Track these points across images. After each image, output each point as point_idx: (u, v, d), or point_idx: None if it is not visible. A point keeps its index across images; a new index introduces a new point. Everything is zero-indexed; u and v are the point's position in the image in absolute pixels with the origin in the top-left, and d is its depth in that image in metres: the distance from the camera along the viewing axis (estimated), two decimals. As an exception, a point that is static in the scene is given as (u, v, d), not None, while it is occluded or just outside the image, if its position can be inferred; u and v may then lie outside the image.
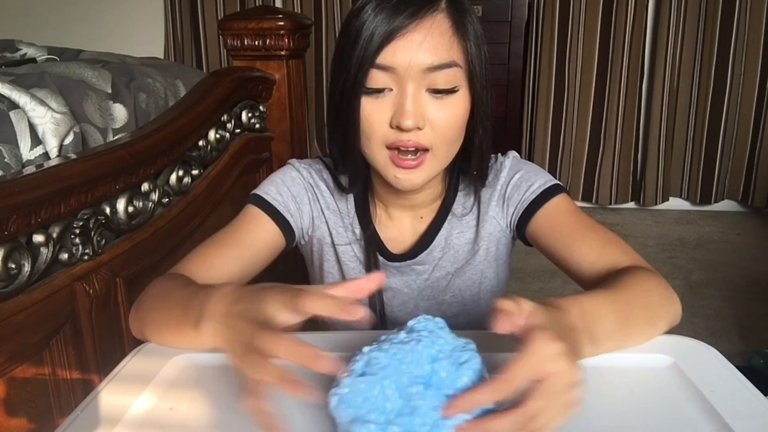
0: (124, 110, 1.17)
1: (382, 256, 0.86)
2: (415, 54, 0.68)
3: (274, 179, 0.86)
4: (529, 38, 3.09)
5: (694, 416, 0.52)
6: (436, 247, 0.85)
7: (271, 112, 1.59)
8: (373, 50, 0.68)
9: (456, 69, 0.71)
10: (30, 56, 1.35)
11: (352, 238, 0.86)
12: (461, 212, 0.85)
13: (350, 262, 0.87)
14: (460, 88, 0.72)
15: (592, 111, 3.12)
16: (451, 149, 0.76)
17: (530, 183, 0.82)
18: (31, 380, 0.84)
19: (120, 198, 1.01)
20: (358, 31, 0.69)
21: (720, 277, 2.41)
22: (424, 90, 0.70)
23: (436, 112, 0.71)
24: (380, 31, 0.68)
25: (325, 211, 0.86)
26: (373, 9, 0.69)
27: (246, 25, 1.52)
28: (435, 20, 0.69)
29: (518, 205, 0.82)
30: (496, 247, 0.87)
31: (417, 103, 0.70)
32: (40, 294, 0.85)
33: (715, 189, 3.13)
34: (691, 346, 0.62)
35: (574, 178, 3.21)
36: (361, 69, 0.69)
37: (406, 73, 0.69)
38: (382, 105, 0.71)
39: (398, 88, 0.70)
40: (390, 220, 0.86)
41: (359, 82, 0.70)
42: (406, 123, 0.69)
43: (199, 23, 3.34)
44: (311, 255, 0.90)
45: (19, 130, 0.93)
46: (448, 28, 0.70)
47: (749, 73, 2.97)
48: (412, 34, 0.68)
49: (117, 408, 0.55)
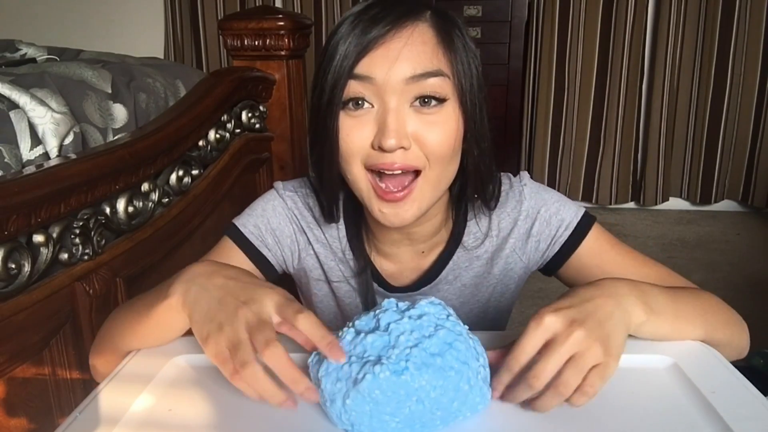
0: (124, 110, 1.16)
1: (381, 287, 0.79)
2: (394, 61, 0.62)
3: (254, 208, 0.80)
4: (529, 38, 3.09)
5: (694, 417, 0.52)
6: (443, 280, 0.79)
7: (271, 112, 1.59)
8: (350, 62, 0.63)
9: (442, 78, 0.63)
10: (30, 56, 1.35)
11: (348, 273, 0.79)
12: (472, 244, 0.78)
13: (346, 297, 0.81)
14: (448, 99, 0.64)
15: (592, 111, 3.12)
16: (446, 171, 0.67)
17: (561, 218, 0.77)
18: (31, 380, 0.84)
19: (120, 198, 1.01)
20: (336, 46, 0.64)
21: (720, 277, 2.41)
22: (407, 105, 0.63)
23: (424, 128, 0.64)
24: (357, 42, 0.62)
25: (313, 244, 0.79)
26: (351, 23, 0.64)
27: (246, 25, 1.52)
28: (416, 29, 0.63)
29: (551, 243, 0.77)
30: (514, 284, 0.82)
31: (400, 120, 0.63)
32: (40, 294, 0.85)
33: (715, 189, 3.13)
34: (691, 346, 0.62)
35: (574, 178, 3.21)
36: (337, 82, 0.63)
37: (386, 85, 0.62)
38: (362, 123, 0.64)
39: (379, 103, 0.63)
40: (386, 255, 0.79)
41: (336, 96, 0.63)
42: (389, 143, 0.62)
43: (199, 23, 3.34)
44: (301, 285, 0.86)
45: (19, 130, 0.93)
46: (431, 38, 0.64)
47: (749, 73, 2.97)
48: (391, 42, 0.62)
49: (117, 408, 0.55)
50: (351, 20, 0.64)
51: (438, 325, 0.52)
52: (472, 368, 0.51)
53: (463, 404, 0.51)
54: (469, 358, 0.51)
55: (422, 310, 0.53)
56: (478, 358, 0.53)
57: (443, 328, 0.52)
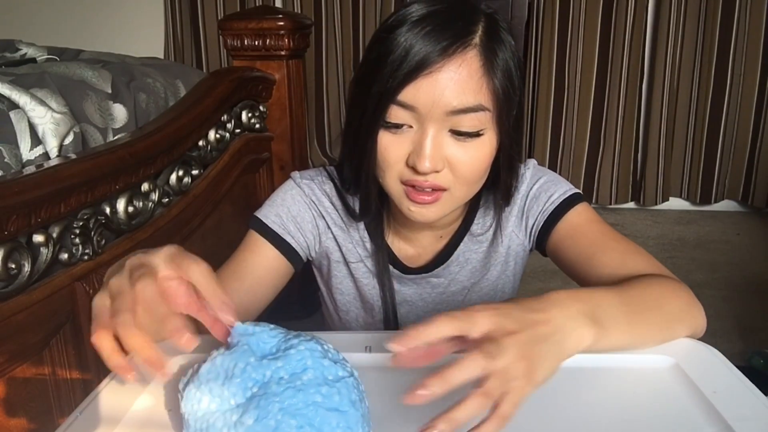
0: (124, 110, 1.17)
1: (396, 269, 0.83)
2: (440, 96, 0.63)
3: (274, 199, 0.83)
4: (529, 38, 3.09)
5: (695, 417, 0.52)
6: (453, 262, 0.83)
7: (271, 112, 1.59)
8: (396, 85, 0.63)
9: (483, 113, 0.65)
10: (30, 56, 1.35)
11: (364, 254, 0.83)
12: (479, 231, 0.82)
13: (363, 278, 0.84)
14: (485, 132, 0.66)
15: (592, 111, 3.12)
16: (471, 189, 0.71)
17: (549, 194, 0.79)
18: (31, 380, 0.84)
19: (120, 198, 1.01)
20: (383, 58, 0.64)
21: (720, 277, 2.41)
22: (446, 131, 0.65)
23: (458, 154, 0.66)
24: (405, 65, 0.63)
25: (332, 227, 0.83)
26: (404, 34, 0.63)
27: (246, 25, 1.52)
28: (465, 59, 0.63)
29: (538, 216, 0.79)
30: (514, 261, 0.85)
31: (437, 146, 0.65)
32: (40, 294, 0.85)
33: (715, 189, 3.13)
34: (692, 346, 0.62)
35: (574, 178, 3.21)
36: (381, 102, 0.65)
37: (429, 114, 0.64)
38: (400, 141, 0.66)
39: (419, 127, 0.66)
40: (407, 239, 0.83)
41: (378, 116, 0.66)
42: (424, 166, 0.65)
43: (199, 23, 3.34)
44: (321, 270, 0.89)
45: (19, 130, 0.93)
46: (478, 69, 0.64)
47: (749, 73, 2.97)
48: (439, 73, 0.62)
49: (117, 408, 0.55)
50: (405, 31, 0.63)
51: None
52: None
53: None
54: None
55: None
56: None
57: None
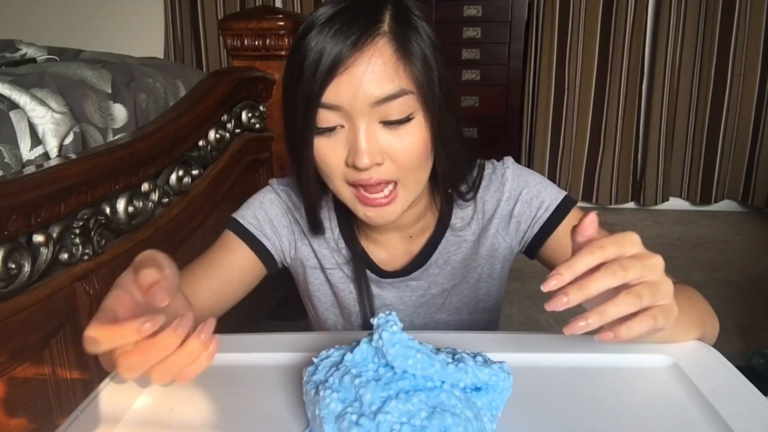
0: (124, 110, 1.17)
1: (374, 273, 0.82)
2: (360, 89, 0.63)
3: (252, 202, 0.83)
4: (529, 38, 3.09)
5: (694, 417, 0.52)
6: (433, 264, 0.81)
7: (271, 112, 1.59)
8: (317, 89, 0.64)
9: (407, 97, 0.65)
10: (30, 56, 1.35)
11: (340, 260, 0.83)
12: (460, 225, 0.81)
13: (340, 284, 0.84)
14: (414, 115, 0.66)
15: (592, 111, 3.12)
16: (420, 176, 0.71)
17: (541, 199, 0.78)
18: (31, 380, 0.84)
19: (120, 198, 1.01)
20: (300, 65, 0.65)
21: (720, 277, 2.41)
22: (376, 123, 0.66)
23: (393, 143, 0.66)
24: (322, 67, 0.63)
25: (307, 234, 0.83)
26: (315, 37, 0.64)
27: (246, 25, 1.52)
28: (377, 48, 0.63)
29: (532, 223, 0.79)
30: (501, 264, 0.84)
31: (371, 140, 0.65)
32: (40, 294, 0.85)
33: (715, 189, 3.13)
34: (691, 346, 0.62)
35: (574, 178, 3.21)
36: (308, 109, 0.65)
37: (355, 110, 0.64)
38: (335, 143, 0.67)
39: (350, 125, 0.66)
40: (377, 242, 0.82)
41: (309, 123, 0.66)
42: (363, 162, 0.65)
43: (199, 23, 3.34)
44: (298, 277, 0.88)
45: (19, 130, 0.93)
46: (391, 55, 0.64)
47: (749, 73, 2.97)
48: (354, 67, 0.63)
49: (117, 408, 0.55)
50: (314, 35, 0.64)
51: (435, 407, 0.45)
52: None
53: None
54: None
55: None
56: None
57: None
